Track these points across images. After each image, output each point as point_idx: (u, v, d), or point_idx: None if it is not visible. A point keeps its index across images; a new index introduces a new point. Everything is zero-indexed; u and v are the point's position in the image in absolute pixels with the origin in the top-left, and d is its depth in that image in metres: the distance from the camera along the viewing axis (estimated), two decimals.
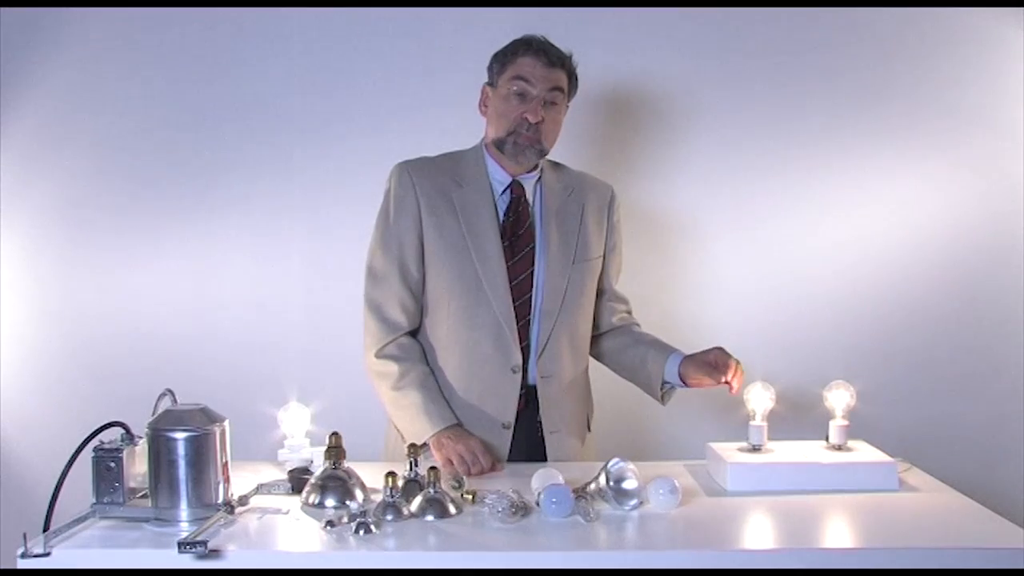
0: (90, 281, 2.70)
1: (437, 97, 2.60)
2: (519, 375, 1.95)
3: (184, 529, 1.49)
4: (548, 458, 1.97)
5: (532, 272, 1.97)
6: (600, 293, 2.11)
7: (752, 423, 1.82)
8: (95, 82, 2.66)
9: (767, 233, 2.71)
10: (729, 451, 1.81)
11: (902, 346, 2.71)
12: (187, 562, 1.39)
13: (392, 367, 1.94)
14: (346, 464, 1.66)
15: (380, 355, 1.95)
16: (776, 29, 2.65)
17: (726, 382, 1.87)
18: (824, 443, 1.85)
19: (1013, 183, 2.68)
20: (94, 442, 1.54)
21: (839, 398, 1.84)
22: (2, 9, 2.61)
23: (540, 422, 1.98)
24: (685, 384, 1.98)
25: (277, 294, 2.69)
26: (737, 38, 2.65)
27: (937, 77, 2.66)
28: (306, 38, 2.65)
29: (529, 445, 1.97)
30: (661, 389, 2.02)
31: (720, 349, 1.92)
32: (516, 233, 1.98)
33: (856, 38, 2.66)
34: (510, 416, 1.95)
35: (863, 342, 2.70)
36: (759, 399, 1.83)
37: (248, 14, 2.62)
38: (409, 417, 1.91)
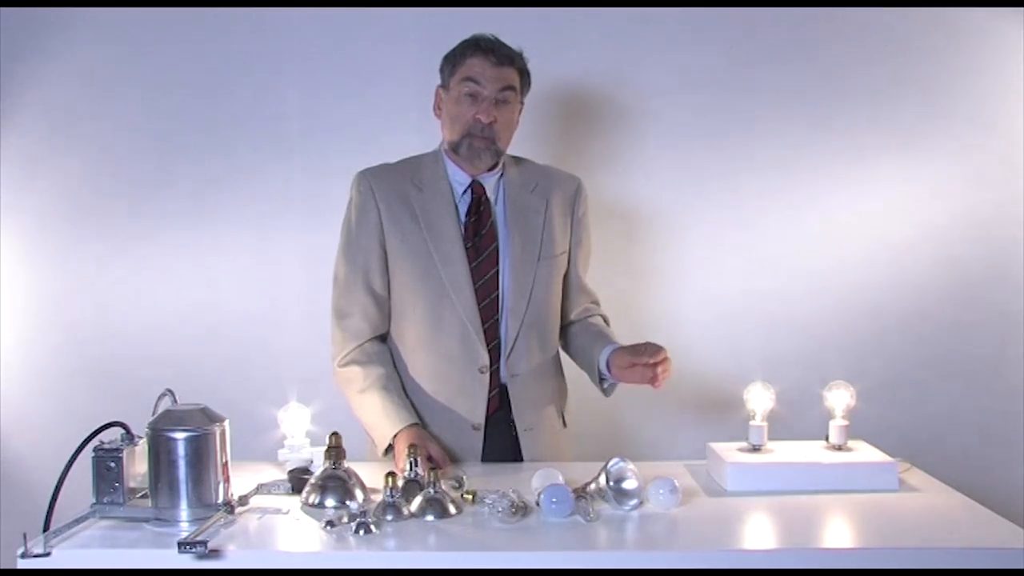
0: (90, 282, 2.70)
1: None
2: (487, 375, 1.95)
3: (184, 529, 1.49)
4: (524, 457, 1.98)
5: (497, 272, 1.97)
6: (568, 286, 2.10)
7: (752, 423, 1.82)
8: (96, 84, 2.66)
9: (769, 232, 2.70)
10: (729, 451, 1.81)
11: (902, 346, 2.71)
12: (187, 562, 1.39)
13: (355, 372, 1.95)
14: (346, 464, 1.66)
15: (343, 363, 1.97)
16: (765, 27, 2.65)
17: (648, 366, 1.79)
18: (824, 443, 1.84)
19: (1013, 182, 2.68)
20: (94, 442, 1.54)
21: (839, 398, 1.84)
22: (3, 9, 2.61)
23: (513, 421, 1.98)
24: (610, 374, 1.93)
25: (277, 294, 2.70)
26: (720, 35, 2.65)
27: (937, 77, 2.66)
28: (306, 41, 2.65)
29: (504, 444, 1.97)
30: (601, 382, 2.00)
31: (652, 342, 1.85)
32: (479, 233, 1.98)
33: (853, 37, 2.65)
34: (480, 417, 1.95)
35: (863, 342, 2.70)
36: (759, 399, 1.82)
37: (249, 17, 2.62)
38: (373, 420, 1.92)
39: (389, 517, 1.54)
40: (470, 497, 1.64)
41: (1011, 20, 2.64)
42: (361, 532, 1.48)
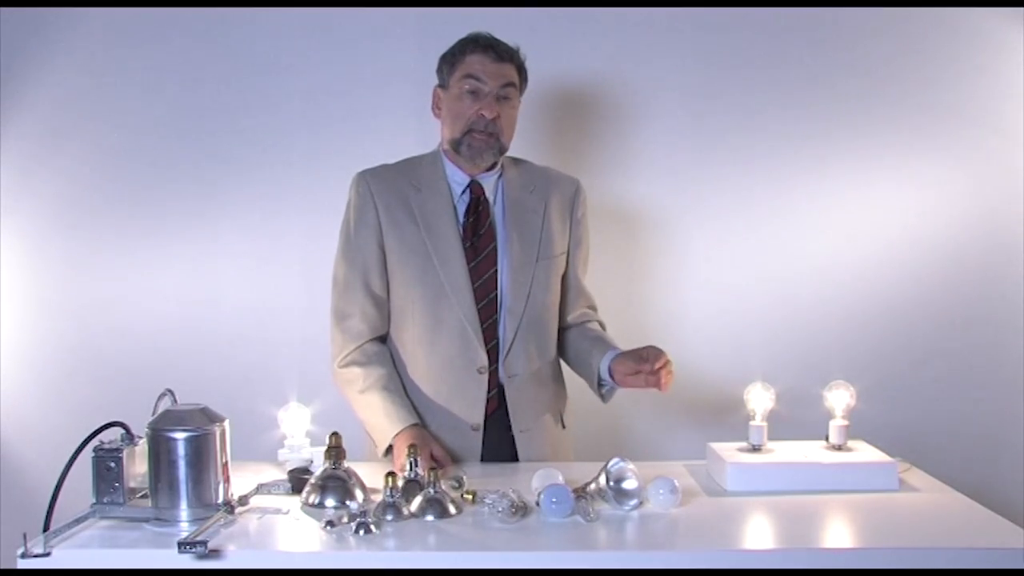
0: (90, 281, 2.70)
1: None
2: (485, 376, 1.95)
3: (184, 529, 1.49)
4: (519, 458, 1.97)
5: (495, 272, 1.97)
6: (566, 287, 2.10)
7: (752, 423, 1.82)
8: (95, 84, 2.66)
9: (769, 233, 2.70)
10: (729, 451, 1.81)
11: (902, 346, 2.71)
12: (187, 562, 1.39)
13: (355, 372, 1.95)
14: (346, 464, 1.66)
15: (343, 364, 1.97)
16: (765, 27, 2.65)
17: (652, 372, 1.80)
18: (824, 443, 1.84)
19: (1013, 182, 2.68)
20: (94, 442, 1.54)
21: (839, 398, 1.84)
22: (2, 9, 2.61)
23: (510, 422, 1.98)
24: (613, 381, 1.94)
25: (277, 294, 2.69)
26: (720, 36, 2.65)
27: (937, 77, 2.66)
28: (305, 42, 2.65)
29: (501, 445, 1.97)
30: (600, 387, 2.00)
31: (652, 346, 1.85)
32: (477, 233, 1.97)
33: (854, 37, 2.65)
34: (478, 418, 1.95)
35: (863, 342, 2.70)
36: (759, 399, 1.82)
37: (248, 18, 2.62)
38: (374, 420, 1.91)
39: (389, 517, 1.54)
40: (470, 497, 1.64)
41: (1011, 20, 2.64)
42: (361, 532, 1.48)
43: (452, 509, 1.58)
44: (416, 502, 1.58)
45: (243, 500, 1.62)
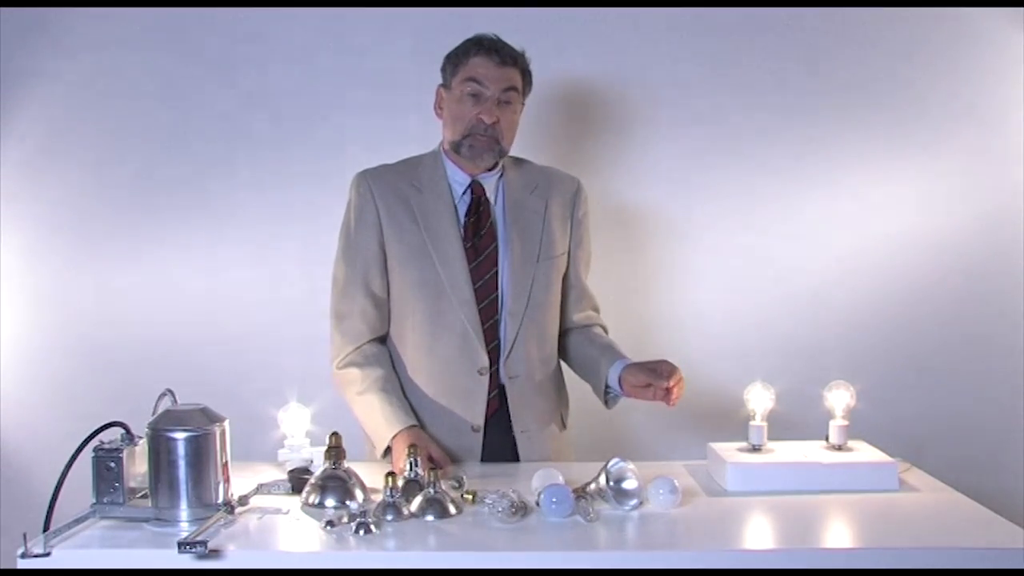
0: (91, 282, 2.70)
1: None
2: (486, 377, 1.95)
3: (184, 529, 1.49)
4: (520, 458, 1.97)
5: (496, 272, 1.97)
6: (568, 288, 2.10)
7: (752, 423, 1.82)
8: (96, 84, 2.66)
9: (770, 233, 2.70)
10: (729, 451, 1.81)
11: (902, 346, 2.71)
12: (187, 562, 1.39)
13: (354, 373, 1.94)
14: (346, 464, 1.66)
15: (342, 365, 1.97)
16: (767, 28, 2.65)
17: (666, 388, 1.82)
18: (824, 443, 1.85)
19: (1013, 183, 2.68)
20: (94, 442, 1.54)
21: (839, 398, 1.84)
22: (2, 9, 2.61)
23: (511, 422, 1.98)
24: (622, 390, 1.94)
25: (278, 294, 2.69)
26: (722, 37, 2.65)
27: (937, 77, 2.66)
28: (305, 39, 2.65)
29: (502, 446, 1.97)
30: (606, 394, 2.00)
31: (666, 361, 1.87)
32: (478, 234, 1.97)
33: (855, 38, 2.65)
34: (479, 419, 1.95)
35: (863, 342, 2.70)
36: (759, 399, 1.82)
37: (248, 16, 2.62)
38: (372, 422, 1.91)
39: (389, 517, 1.54)
40: (470, 497, 1.64)
41: (1011, 20, 2.64)
42: (361, 532, 1.48)
43: (452, 509, 1.58)
44: (416, 502, 1.58)
45: (243, 500, 1.62)
